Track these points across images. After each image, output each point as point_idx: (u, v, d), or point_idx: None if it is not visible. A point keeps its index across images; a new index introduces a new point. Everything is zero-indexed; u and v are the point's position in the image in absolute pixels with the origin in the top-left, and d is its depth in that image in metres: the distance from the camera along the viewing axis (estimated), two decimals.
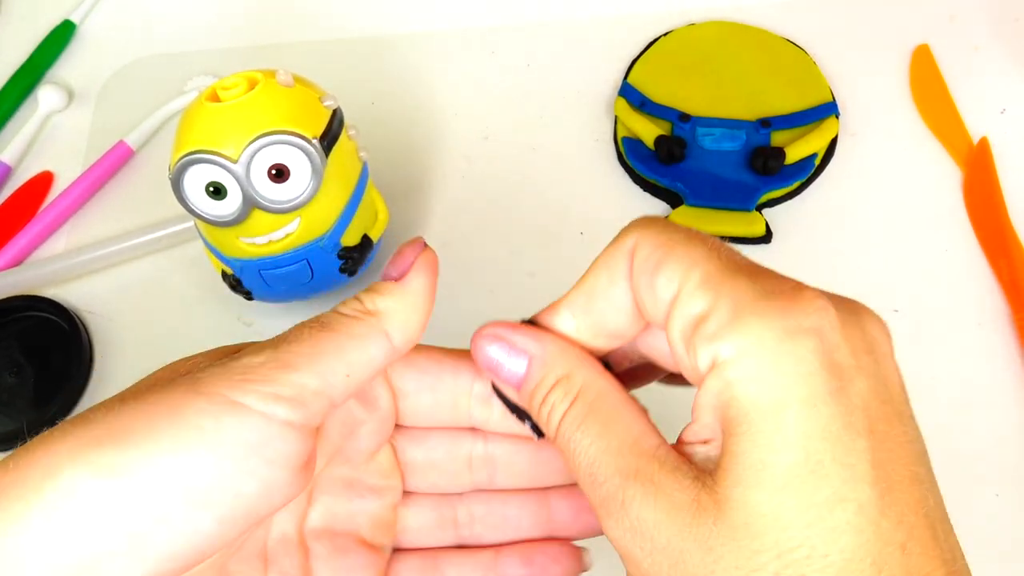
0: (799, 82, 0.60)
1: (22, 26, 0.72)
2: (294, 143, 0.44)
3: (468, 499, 0.35)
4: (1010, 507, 0.48)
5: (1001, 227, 0.55)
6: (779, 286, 0.26)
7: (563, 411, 0.29)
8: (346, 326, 0.29)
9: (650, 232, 0.28)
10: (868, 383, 0.25)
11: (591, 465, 0.27)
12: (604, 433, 0.27)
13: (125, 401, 0.26)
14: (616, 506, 0.26)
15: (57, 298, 0.58)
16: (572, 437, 0.28)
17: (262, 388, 0.26)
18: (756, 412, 0.24)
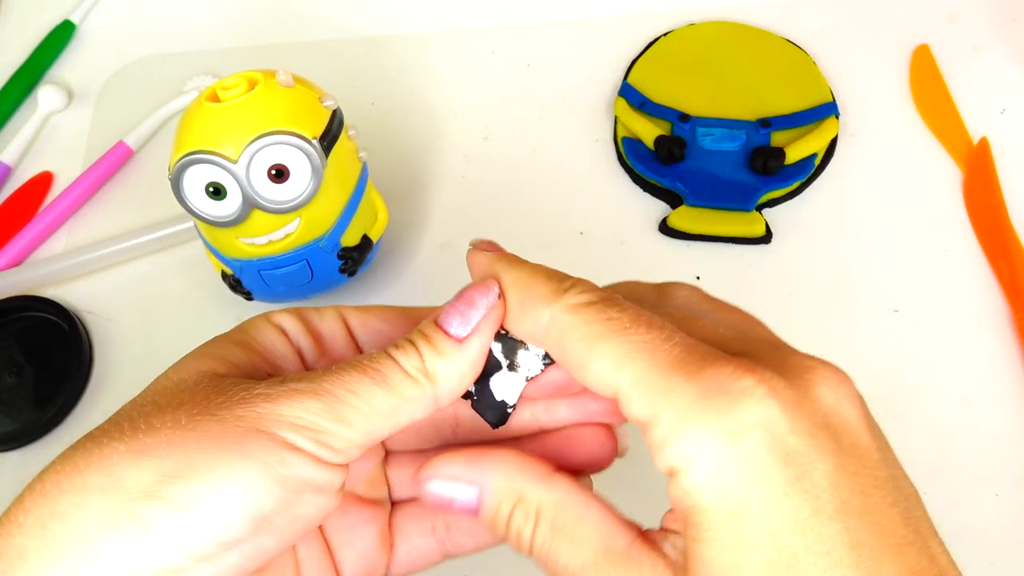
0: (799, 82, 0.60)
1: (22, 26, 0.72)
2: (294, 143, 0.44)
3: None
4: (1010, 507, 0.48)
5: (1001, 227, 0.55)
6: (716, 379, 0.25)
7: (530, 534, 0.28)
8: (403, 387, 0.28)
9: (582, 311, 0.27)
10: (830, 461, 0.24)
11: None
12: (575, 547, 0.27)
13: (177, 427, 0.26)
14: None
15: (57, 298, 0.58)
16: (548, 556, 0.28)
17: (319, 437, 0.27)
18: (718, 518, 0.24)
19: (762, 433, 0.24)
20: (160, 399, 0.28)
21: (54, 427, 0.55)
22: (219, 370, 0.29)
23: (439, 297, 0.56)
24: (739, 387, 0.24)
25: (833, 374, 0.26)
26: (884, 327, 0.53)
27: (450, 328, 0.30)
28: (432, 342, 0.29)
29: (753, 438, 0.24)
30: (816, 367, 0.26)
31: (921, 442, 0.49)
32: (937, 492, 0.48)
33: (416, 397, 0.29)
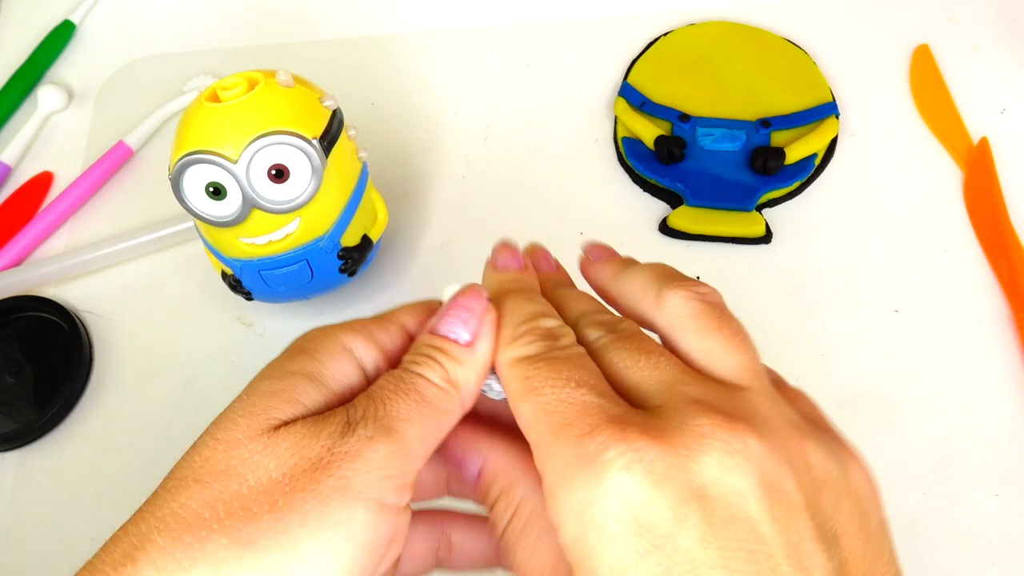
0: (799, 82, 0.60)
1: (22, 26, 0.72)
2: (294, 143, 0.44)
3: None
4: (1010, 507, 0.47)
5: (1001, 227, 0.55)
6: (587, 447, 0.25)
7: (505, 523, 0.30)
8: (440, 401, 0.29)
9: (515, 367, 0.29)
10: (693, 533, 0.24)
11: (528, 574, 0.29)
12: (531, 554, 0.29)
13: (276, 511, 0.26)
14: None
15: (57, 298, 0.58)
16: (510, 548, 0.30)
17: (400, 482, 0.27)
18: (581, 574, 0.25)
19: (617, 505, 0.24)
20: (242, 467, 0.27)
21: (54, 427, 0.55)
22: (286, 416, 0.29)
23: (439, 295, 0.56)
24: (603, 458, 0.25)
25: (727, 444, 0.25)
26: (884, 327, 0.53)
27: (458, 336, 0.30)
28: (449, 353, 0.30)
29: (605, 509, 0.24)
30: (712, 435, 0.25)
31: (921, 442, 0.49)
32: (937, 492, 0.48)
33: (451, 408, 0.30)
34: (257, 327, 0.57)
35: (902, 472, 0.49)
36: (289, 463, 0.26)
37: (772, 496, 0.25)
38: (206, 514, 0.26)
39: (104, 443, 0.54)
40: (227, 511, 0.26)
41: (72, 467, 0.54)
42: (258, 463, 0.27)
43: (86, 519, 0.52)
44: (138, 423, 0.55)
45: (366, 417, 0.28)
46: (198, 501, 0.26)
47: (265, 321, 0.57)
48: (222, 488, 0.26)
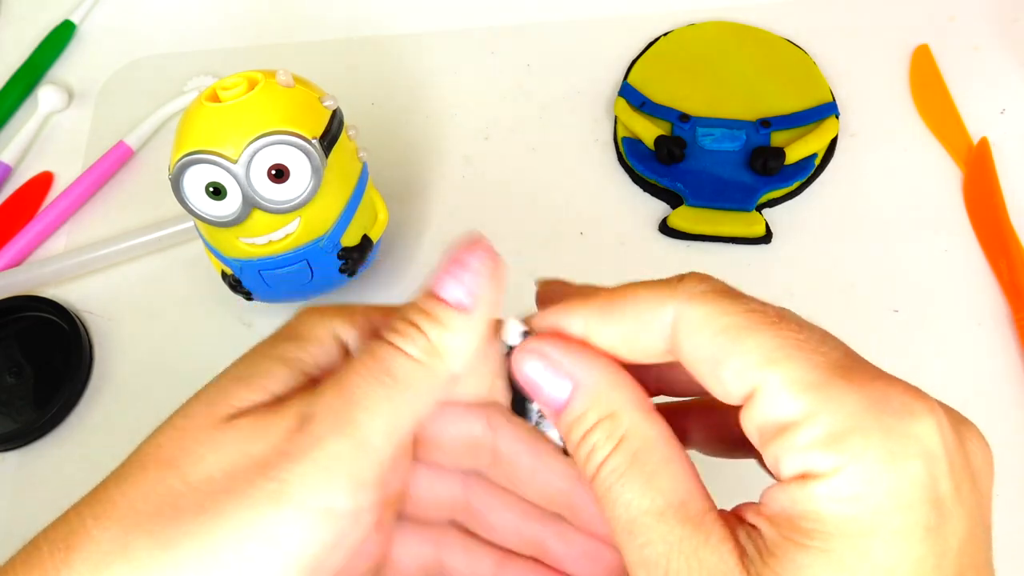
0: (799, 82, 0.60)
1: (22, 26, 0.72)
2: (294, 143, 0.44)
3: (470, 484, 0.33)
4: (1010, 507, 0.47)
5: (1001, 227, 0.55)
6: (888, 394, 0.23)
7: (604, 456, 0.26)
8: (414, 379, 0.26)
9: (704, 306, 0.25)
10: (966, 524, 0.23)
11: (631, 523, 0.25)
12: (647, 490, 0.25)
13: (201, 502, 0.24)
14: (657, 571, 0.24)
15: (57, 298, 0.58)
16: (612, 487, 0.25)
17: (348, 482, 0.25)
18: (839, 533, 0.22)
19: (923, 467, 0.22)
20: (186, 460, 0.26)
21: (54, 427, 0.55)
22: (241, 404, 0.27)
23: None
24: (911, 410, 0.23)
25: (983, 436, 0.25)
26: (884, 327, 0.53)
27: (448, 295, 0.27)
28: (436, 318, 0.27)
29: (913, 469, 0.22)
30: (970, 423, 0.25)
31: None
32: None
33: (430, 381, 0.27)
34: (257, 327, 0.57)
35: None
36: (230, 460, 0.25)
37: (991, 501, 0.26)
38: (139, 506, 0.25)
39: (104, 443, 0.54)
40: (157, 507, 0.24)
41: (72, 467, 0.54)
42: (202, 456, 0.25)
43: None
44: (138, 423, 0.54)
45: (323, 410, 0.25)
46: (137, 491, 0.25)
47: (265, 321, 0.57)
48: (160, 480, 0.25)
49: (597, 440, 0.26)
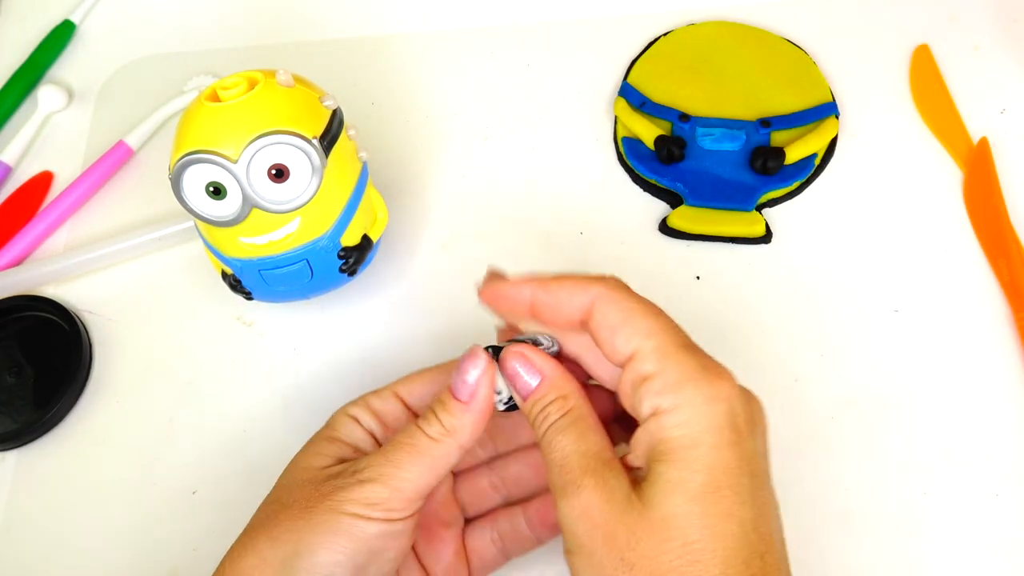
0: (799, 82, 0.60)
1: (22, 26, 0.72)
2: (294, 143, 0.44)
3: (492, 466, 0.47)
4: (1010, 507, 0.48)
5: (1001, 227, 0.55)
6: (707, 364, 0.36)
7: (555, 419, 0.38)
8: (432, 450, 0.39)
9: (616, 295, 0.38)
10: (752, 444, 0.36)
11: (564, 459, 0.37)
12: (578, 440, 0.37)
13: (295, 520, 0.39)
14: (573, 489, 0.36)
15: (57, 298, 0.58)
16: (555, 439, 0.38)
17: (385, 506, 0.38)
18: (680, 447, 0.35)
19: (726, 407, 0.35)
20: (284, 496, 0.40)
21: (54, 426, 0.55)
22: (320, 464, 0.41)
23: (439, 297, 0.56)
24: (720, 372, 0.36)
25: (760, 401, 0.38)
26: (884, 327, 0.53)
27: (459, 395, 0.40)
28: (447, 408, 0.40)
29: (720, 407, 0.35)
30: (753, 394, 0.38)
31: (921, 442, 0.49)
32: (937, 492, 0.48)
33: (444, 453, 0.39)
34: (257, 327, 0.57)
35: (902, 471, 0.49)
36: (310, 492, 0.39)
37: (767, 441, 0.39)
38: (258, 525, 0.40)
39: (104, 443, 0.54)
40: (270, 522, 0.39)
41: (72, 467, 0.54)
42: (293, 494, 0.40)
43: (86, 519, 0.52)
44: (138, 423, 0.55)
45: (368, 466, 0.39)
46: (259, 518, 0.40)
47: (265, 321, 0.57)
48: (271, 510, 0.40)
49: (551, 410, 0.39)
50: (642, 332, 0.37)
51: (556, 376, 0.40)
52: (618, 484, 0.36)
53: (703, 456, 0.34)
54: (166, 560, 0.50)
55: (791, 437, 0.49)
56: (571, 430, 0.38)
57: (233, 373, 0.55)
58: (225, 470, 0.52)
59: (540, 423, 0.39)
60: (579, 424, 0.38)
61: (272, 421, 0.53)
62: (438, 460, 0.40)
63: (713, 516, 0.34)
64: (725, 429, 0.35)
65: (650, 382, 0.36)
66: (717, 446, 0.35)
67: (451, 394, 0.40)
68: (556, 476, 0.37)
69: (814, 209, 0.57)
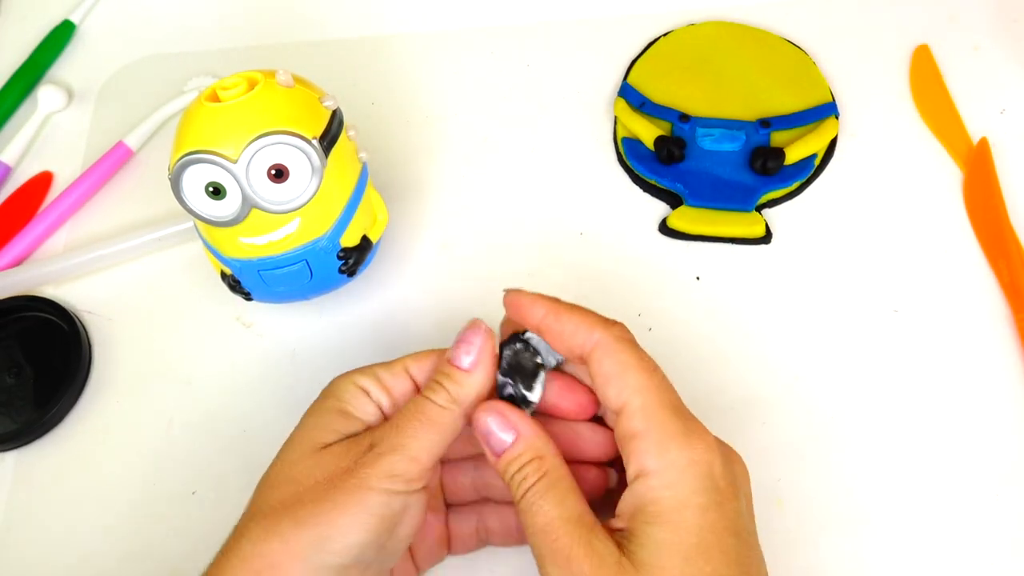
0: (799, 82, 0.60)
1: (22, 26, 0.72)
2: (294, 143, 0.44)
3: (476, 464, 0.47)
4: (1010, 507, 0.47)
5: (1001, 228, 0.55)
6: (691, 426, 0.38)
7: (533, 482, 0.39)
8: (442, 418, 0.40)
9: (616, 346, 0.39)
10: (735, 505, 0.37)
11: (547, 525, 0.37)
12: (559, 504, 0.38)
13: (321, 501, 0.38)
14: (563, 559, 0.36)
15: (57, 298, 0.58)
16: (535, 502, 0.38)
17: (405, 478, 0.39)
18: (669, 509, 0.36)
19: (707, 469, 0.37)
20: (298, 475, 0.40)
21: (54, 427, 0.55)
22: (329, 439, 0.41)
23: (438, 297, 0.56)
24: (702, 434, 0.38)
25: (741, 460, 0.40)
26: (883, 328, 0.53)
27: (460, 363, 0.41)
28: (452, 377, 0.41)
29: (703, 469, 0.36)
30: (734, 452, 0.40)
31: (920, 442, 0.49)
32: (936, 492, 0.48)
33: (452, 420, 0.41)
34: (257, 327, 0.57)
35: (901, 471, 0.49)
36: (328, 471, 0.39)
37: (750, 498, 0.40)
38: (278, 507, 0.39)
39: (104, 443, 0.54)
40: (290, 503, 0.39)
41: (72, 467, 0.54)
42: (309, 473, 0.40)
43: (86, 518, 0.52)
44: (138, 422, 0.54)
45: (383, 439, 0.40)
46: (274, 499, 0.39)
47: (265, 321, 0.57)
48: (287, 490, 0.39)
49: (528, 472, 0.39)
50: (632, 388, 0.38)
51: (531, 435, 0.40)
52: (606, 549, 0.36)
53: (691, 518, 0.36)
54: (166, 560, 0.50)
55: (791, 437, 0.49)
56: (550, 494, 0.38)
57: (233, 373, 0.55)
58: (225, 470, 0.52)
59: (517, 485, 0.39)
60: (558, 487, 0.38)
61: (272, 421, 0.53)
62: (447, 428, 0.40)
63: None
64: (709, 491, 0.36)
65: (636, 441, 0.37)
66: (704, 508, 0.36)
67: (452, 364, 0.41)
68: (540, 542, 0.38)
69: (814, 209, 0.57)
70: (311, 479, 0.39)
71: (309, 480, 0.39)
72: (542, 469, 0.39)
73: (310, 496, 0.38)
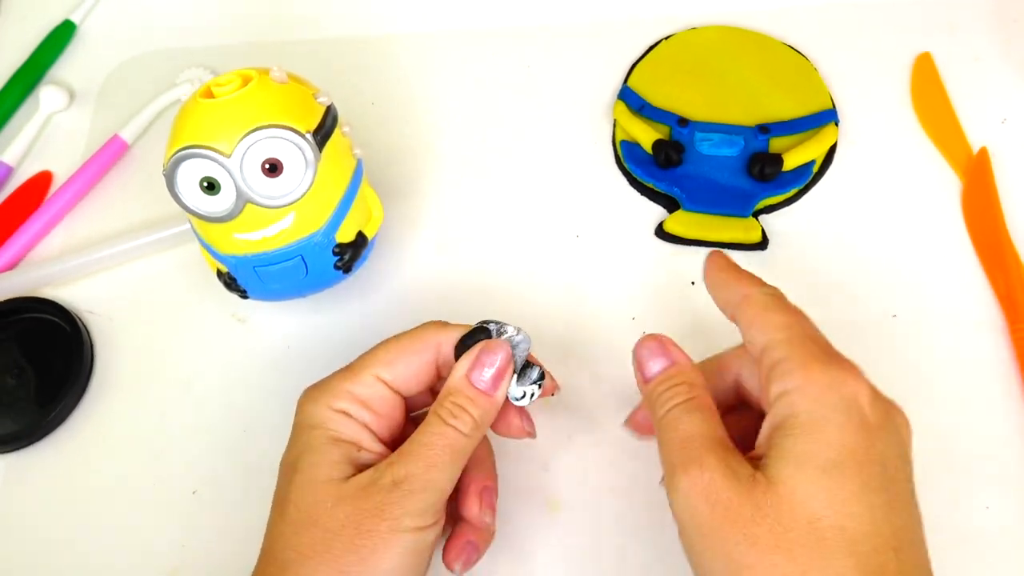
0: (799, 88, 0.60)
1: (22, 26, 0.72)
2: (287, 137, 0.44)
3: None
4: (1004, 514, 0.47)
5: (998, 239, 0.54)
6: (836, 354, 0.38)
7: (681, 399, 0.39)
8: (466, 445, 0.40)
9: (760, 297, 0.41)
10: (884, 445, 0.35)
11: (688, 438, 0.38)
12: (701, 422, 0.38)
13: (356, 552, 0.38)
14: (696, 467, 0.36)
15: (57, 299, 0.58)
16: (680, 416, 0.39)
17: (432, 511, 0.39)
18: (809, 422, 0.35)
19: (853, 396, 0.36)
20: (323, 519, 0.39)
21: (56, 427, 0.55)
22: (341, 475, 0.40)
23: (434, 294, 0.56)
24: (849, 365, 0.37)
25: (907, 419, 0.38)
26: (878, 336, 0.53)
27: (484, 386, 0.41)
28: (476, 402, 0.41)
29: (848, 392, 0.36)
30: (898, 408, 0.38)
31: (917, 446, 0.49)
32: (933, 497, 0.47)
33: (476, 444, 0.41)
34: (254, 326, 0.57)
35: None
36: (354, 513, 0.38)
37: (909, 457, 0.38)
38: (310, 554, 0.38)
39: (106, 443, 0.54)
40: (322, 551, 0.38)
41: (74, 467, 0.54)
42: (332, 516, 0.39)
43: (87, 518, 0.52)
44: (139, 422, 0.54)
45: (408, 476, 0.39)
46: (304, 546, 0.39)
47: (262, 320, 0.57)
48: (314, 535, 0.39)
49: (678, 391, 0.40)
50: (775, 325, 0.39)
51: (687, 365, 0.41)
52: (740, 465, 0.36)
53: (832, 434, 0.35)
54: (166, 560, 0.50)
55: None
56: (696, 413, 0.39)
57: (233, 373, 0.55)
58: (225, 470, 0.52)
59: (663, 402, 0.40)
60: (704, 410, 0.39)
61: (272, 421, 0.53)
62: (470, 452, 0.41)
63: (843, 493, 0.34)
64: (853, 414, 0.35)
65: (780, 365, 0.37)
66: (844, 427, 0.35)
67: (473, 385, 0.41)
68: (677, 453, 0.38)
69: (811, 216, 0.57)
70: (336, 522, 0.39)
71: (334, 524, 0.39)
72: (692, 392, 0.40)
73: (342, 544, 0.38)
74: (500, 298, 0.55)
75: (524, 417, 0.45)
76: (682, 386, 0.40)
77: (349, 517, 0.38)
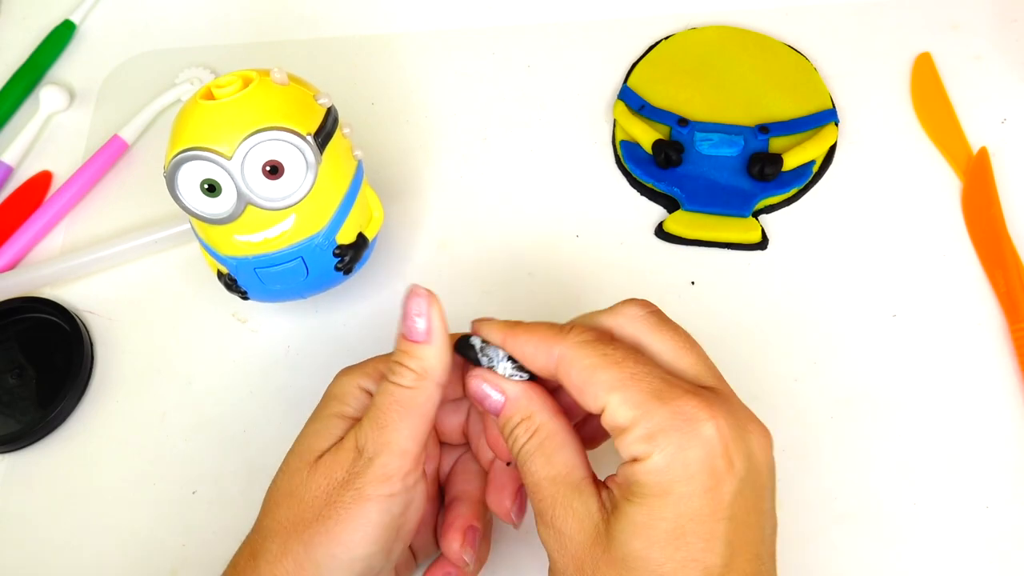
0: (799, 88, 0.60)
1: (22, 26, 0.72)
2: (288, 139, 0.44)
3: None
4: (999, 520, 0.47)
5: (998, 238, 0.54)
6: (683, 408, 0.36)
7: (522, 443, 0.39)
8: (414, 398, 0.40)
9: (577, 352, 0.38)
10: (736, 484, 0.35)
11: (536, 485, 0.38)
12: (547, 464, 0.38)
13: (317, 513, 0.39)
14: (548, 516, 0.38)
15: (57, 299, 0.58)
16: (525, 462, 0.39)
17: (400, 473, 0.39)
18: (651, 494, 0.35)
19: (702, 452, 0.35)
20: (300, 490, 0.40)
21: (57, 427, 0.55)
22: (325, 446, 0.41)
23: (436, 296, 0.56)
24: (697, 417, 0.35)
25: (763, 427, 0.38)
26: (879, 336, 0.53)
27: (415, 335, 0.40)
28: (410, 353, 0.40)
29: (695, 452, 0.35)
30: (753, 417, 0.38)
31: (915, 447, 0.49)
32: (928, 501, 0.48)
33: (426, 397, 0.40)
34: (255, 327, 0.57)
35: (894, 478, 0.48)
36: (324, 485, 0.39)
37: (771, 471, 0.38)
38: (287, 525, 0.39)
39: (106, 442, 0.54)
40: (296, 521, 0.39)
41: (75, 467, 0.54)
42: (306, 486, 0.40)
43: (88, 518, 0.52)
44: (139, 422, 0.54)
45: (367, 441, 0.39)
46: (281, 516, 0.40)
47: (263, 320, 0.57)
48: (291, 506, 0.40)
49: (518, 432, 0.40)
50: (606, 386, 0.37)
51: (517, 396, 0.40)
52: (586, 512, 0.37)
53: (671, 504, 0.35)
54: (166, 560, 0.50)
55: (788, 440, 0.49)
56: (538, 454, 0.39)
57: (233, 373, 0.55)
58: (225, 470, 0.52)
59: (512, 446, 0.40)
60: (545, 446, 0.39)
61: (272, 420, 0.53)
62: (423, 407, 0.40)
63: (674, 563, 0.35)
64: (701, 475, 0.35)
65: (624, 435, 0.36)
66: (688, 495, 0.35)
67: (408, 339, 0.40)
68: (533, 498, 0.39)
69: (811, 216, 0.57)
70: (309, 494, 0.39)
71: (308, 495, 0.39)
72: (531, 429, 0.39)
73: (312, 514, 0.39)
74: (501, 297, 0.56)
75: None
76: (521, 425, 0.40)
77: (321, 488, 0.39)
